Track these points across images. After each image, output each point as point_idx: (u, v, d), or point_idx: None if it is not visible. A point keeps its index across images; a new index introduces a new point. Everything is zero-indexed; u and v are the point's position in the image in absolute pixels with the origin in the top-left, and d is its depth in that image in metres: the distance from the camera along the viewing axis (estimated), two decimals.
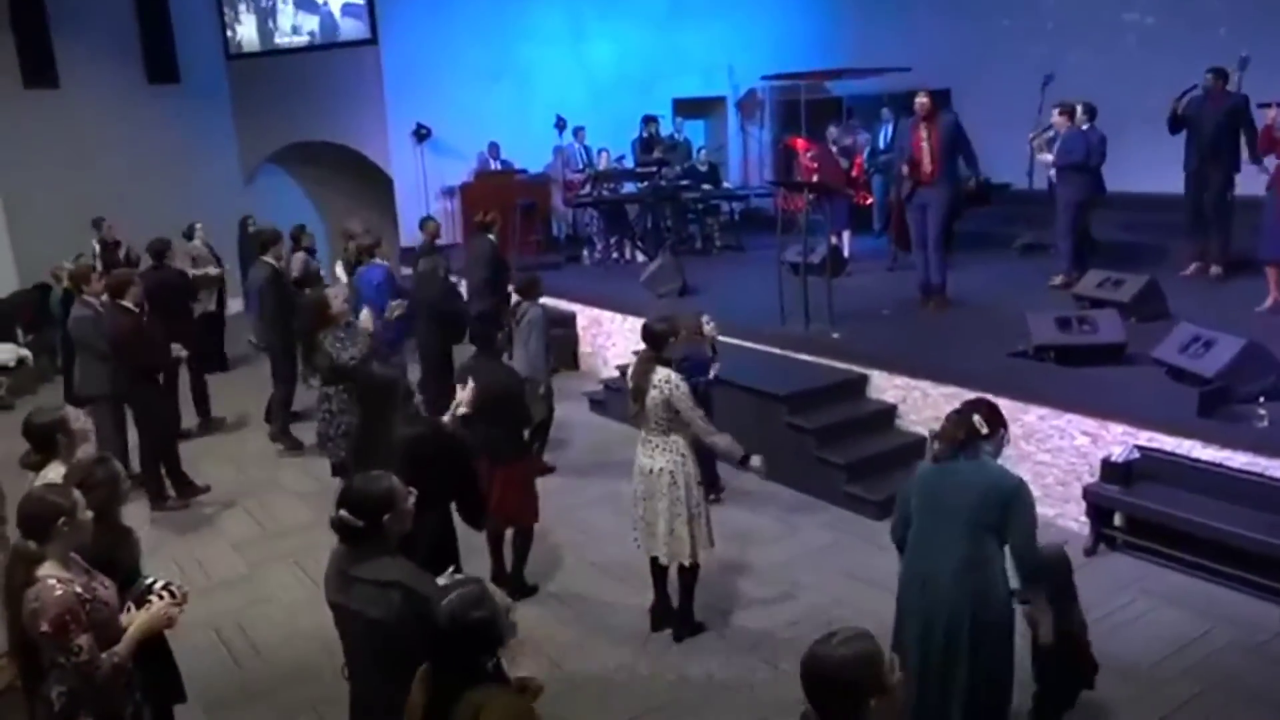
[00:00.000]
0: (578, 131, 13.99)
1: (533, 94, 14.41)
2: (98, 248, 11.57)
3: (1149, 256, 10.39)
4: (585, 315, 10.65)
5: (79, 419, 4.24)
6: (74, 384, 8.25)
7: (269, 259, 8.66)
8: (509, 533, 5.76)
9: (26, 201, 13.36)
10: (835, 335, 7.94)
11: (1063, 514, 6.28)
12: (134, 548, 3.83)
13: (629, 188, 13.02)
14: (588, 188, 12.78)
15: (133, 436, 7.61)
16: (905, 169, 8.55)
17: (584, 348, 10.74)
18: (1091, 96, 11.29)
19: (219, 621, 5.68)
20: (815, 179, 11.66)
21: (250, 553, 6.64)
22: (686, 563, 4.98)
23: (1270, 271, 7.82)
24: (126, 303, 7.22)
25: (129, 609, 3.40)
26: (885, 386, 7.36)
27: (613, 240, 12.50)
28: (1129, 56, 12.83)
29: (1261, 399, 5.37)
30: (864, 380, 7.47)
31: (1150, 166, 10.08)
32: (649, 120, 13.73)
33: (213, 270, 11.10)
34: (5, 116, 13.18)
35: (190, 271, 10.20)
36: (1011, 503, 3.42)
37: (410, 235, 14.16)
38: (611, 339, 10.23)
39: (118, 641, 3.31)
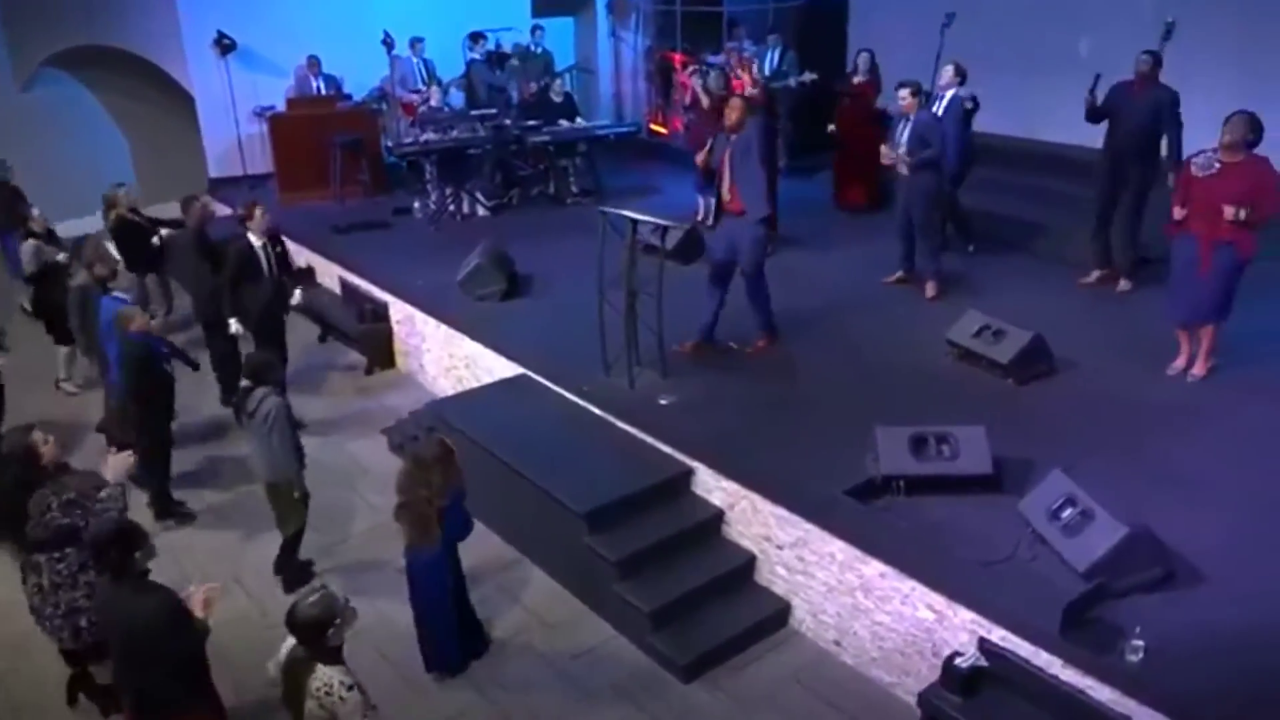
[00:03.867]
0: (414, 44, 11.90)
1: None
2: None
3: (1047, 244, 9.08)
4: (399, 308, 8.99)
5: None
6: None
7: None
8: None
9: None
10: (663, 401, 6.54)
11: (900, 685, 5.18)
12: None
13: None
14: (416, 130, 10.79)
15: None
16: None
17: (399, 345, 9.15)
18: (1003, 32, 9.74)
19: None
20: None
21: None
22: None
23: (1180, 333, 6.56)
24: None
25: None
26: (712, 486, 6.03)
27: (449, 191, 10.66)
28: None
29: (1139, 629, 4.20)
30: (689, 475, 6.13)
31: (1063, 115, 8.60)
32: (476, 37, 11.63)
33: None
34: None
35: None
36: None
37: (218, 165, 12.17)
38: (426, 343, 8.67)
39: None
